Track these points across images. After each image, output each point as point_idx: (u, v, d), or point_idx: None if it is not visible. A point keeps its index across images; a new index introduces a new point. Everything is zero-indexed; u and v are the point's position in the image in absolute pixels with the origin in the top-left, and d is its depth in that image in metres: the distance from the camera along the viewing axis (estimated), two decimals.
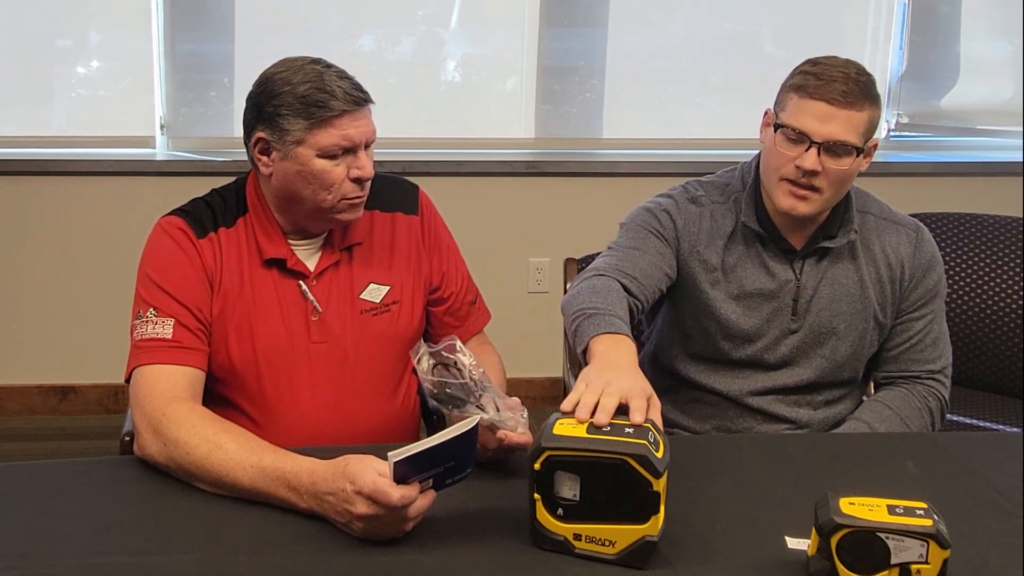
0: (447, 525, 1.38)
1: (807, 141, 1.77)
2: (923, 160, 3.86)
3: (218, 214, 1.74)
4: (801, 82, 1.78)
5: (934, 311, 1.96)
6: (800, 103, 1.78)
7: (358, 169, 1.65)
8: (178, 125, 3.55)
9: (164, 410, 1.52)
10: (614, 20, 3.67)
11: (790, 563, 1.32)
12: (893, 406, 1.92)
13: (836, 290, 1.92)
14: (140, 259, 1.72)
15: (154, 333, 1.62)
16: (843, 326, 1.92)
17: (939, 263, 1.97)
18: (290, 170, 1.65)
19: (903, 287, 1.94)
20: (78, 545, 1.33)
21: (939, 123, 3.92)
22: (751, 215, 1.91)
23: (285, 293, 1.73)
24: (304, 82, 1.62)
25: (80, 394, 3.60)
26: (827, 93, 1.75)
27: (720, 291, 1.93)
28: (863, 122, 1.78)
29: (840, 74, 1.76)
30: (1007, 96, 3.87)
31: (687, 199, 1.96)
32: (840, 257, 1.92)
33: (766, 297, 1.92)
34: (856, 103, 1.76)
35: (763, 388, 1.94)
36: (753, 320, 1.92)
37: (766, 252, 1.92)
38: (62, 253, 3.49)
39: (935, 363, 1.96)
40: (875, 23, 3.79)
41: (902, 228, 1.95)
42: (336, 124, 1.62)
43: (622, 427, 1.31)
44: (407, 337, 1.81)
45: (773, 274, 1.92)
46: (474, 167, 3.60)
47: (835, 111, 1.75)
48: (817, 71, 1.78)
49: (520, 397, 1.55)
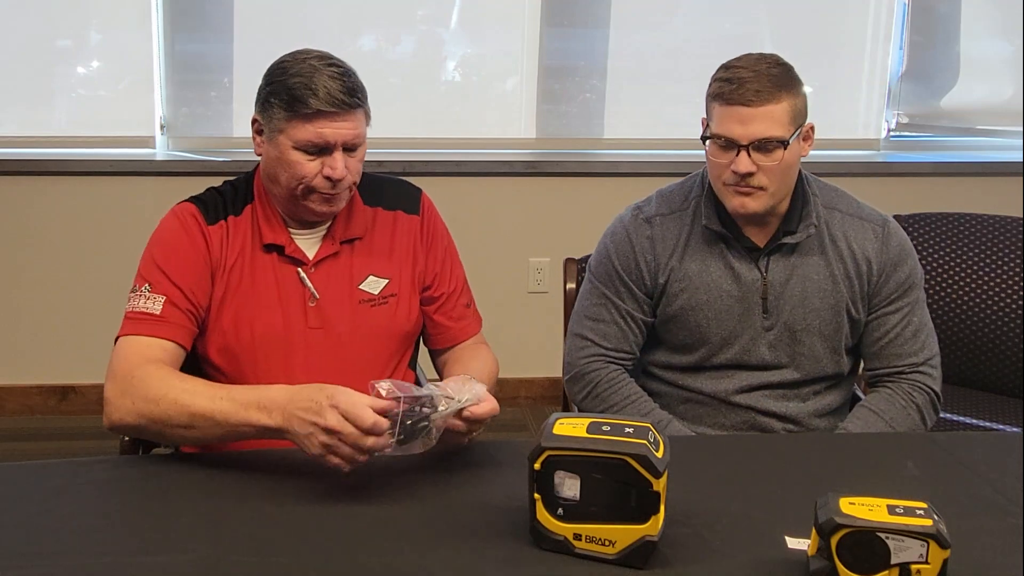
0: (447, 525, 1.38)
1: (735, 146, 1.80)
2: (923, 160, 3.86)
3: (229, 202, 1.79)
4: (717, 90, 1.82)
5: (910, 303, 1.97)
6: (721, 111, 1.81)
7: (330, 169, 1.69)
8: (178, 125, 3.55)
9: (134, 372, 1.59)
10: (615, 20, 3.67)
11: (790, 563, 1.32)
12: (878, 410, 1.93)
13: (807, 286, 1.93)
14: (149, 238, 1.78)
15: (144, 308, 1.68)
16: (817, 321, 1.93)
17: (910, 255, 1.98)
18: (271, 154, 1.72)
19: (871, 283, 1.95)
20: (78, 545, 1.33)
21: (939, 123, 3.92)
22: (712, 216, 1.93)
23: (284, 279, 1.77)
24: (296, 75, 1.66)
25: (80, 394, 3.60)
26: (742, 96, 1.78)
27: (688, 301, 1.94)
28: (785, 112, 1.79)
29: (750, 74, 1.79)
30: (1007, 96, 3.87)
31: (641, 222, 1.99)
32: (809, 253, 1.93)
33: (735, 298, 1.93)
34: (772, 97, 1.78)
35: (748, 386, 1.96)
36: (725, 324, 1.94)
37: (730, 253, 1.93)
38: (62, 253, 3.49)
39: (917, 355, 1.97)
40: (875, 23, 3.79)
41: (867, 223, 1.96)
42: (313, 122, 1.65)
43: (622, 427, 1.31)
44: (404, 331, 1.84)
45: (738, 274, 1.93)
46: (474, 167, 3.60)
47: (753, 111, 1.78)
48: (729, 76, 1.81)
49: (520, 397, 1.56)
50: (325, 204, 1.72)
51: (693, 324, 1.95)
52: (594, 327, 2.00)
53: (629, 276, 1.98)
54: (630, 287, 1.98)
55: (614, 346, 1.99)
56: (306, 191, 1.70)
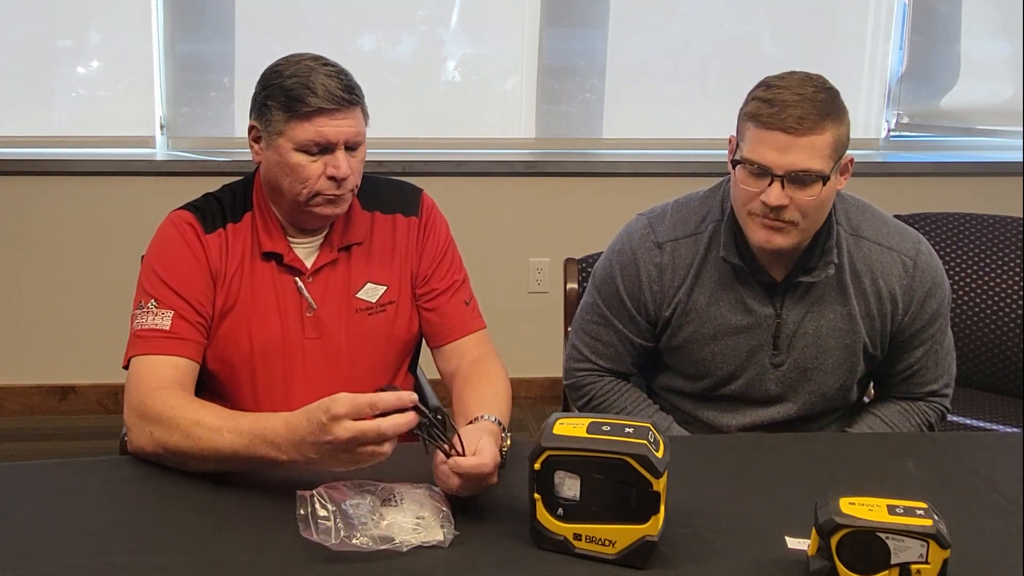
0: None
1: (768, 175, 1.64)
2: (923, 160, 3.85)
3: (227, 209, 1.76)
4: (755, 110, 1.65)
5: (934, 334, 1.86)
6: (757, 134, 1.65)
7: (334, 168, 1.66)
8: (178, 125, 3.55)
9: (145, 400, 1.56)
10: (614, 20, 3.66)
11: (790, 563, 1.32)
12: (890, 422, 1.88)
13: (822, 326, 1.81)
14: (147, 249, 1.75)
15: (153, 324, 1.65)
16: (830, 361, 1.83)
17: (939, 286, 1.84)
18: (272, 160, 1.69)
19: (896, 321, 1.83)
20: (78, 545, 1.33)
21: (939, 123, 3.92)
22: (731, 247, 1.79)
23: (282, 288, 1.75)
24: (292, 76, 1.65)
25: (80, 394, 3.60)
26: (783, 121, 1.61)
27: (693, 334, 1.84)
28: (827, 144, 1.64)
29: (794, 97, 1.62)
30: (1007, 96, 3.86)
31: (651, 245, 1.85)
32: (827, 291, 1.80)
33: (743, 333, 1.82)
34: (816, 127, 1.62)
35: (751, 423, 1.88)
36: (732, 358, 1.84)
37: (744, 288, 1.80)
38: (62, 253, 3.49)
39: (937, 382, 1.89)
40: (875, 23, 3.79)
41: (896, 254, 1.81)
42: (313, 120, 1.64)
43: (622, 427, 1.31)
44: (403, 339, 1.82)
45: (751, 310, 1.81)
46: (474, 167, 3.60)
47: (793, 140, 1.62)
48: (770, 96, 1.64)
49: (520, 397, 1.55)
50: (330, 207, 1.70)
51: (698, 357, 1.86)
52: (592, 345, 1.93)
53: (632, 303, 1.87)
54: (632, 314, 1.87)
55: (610, 366, 1.93)
56: (310, 196, 1.67)
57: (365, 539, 1.31)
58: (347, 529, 1.31)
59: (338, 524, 1.32)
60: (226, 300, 1.72)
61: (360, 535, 1.31)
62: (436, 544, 1.33)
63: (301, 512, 1.34)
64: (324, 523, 1.31)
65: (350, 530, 1.31)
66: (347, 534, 1.31)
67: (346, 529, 1.31)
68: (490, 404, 1.61)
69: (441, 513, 1.36)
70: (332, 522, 1.32)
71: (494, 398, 1.65)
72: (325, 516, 1.32)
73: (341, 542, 1.30)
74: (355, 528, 1.32)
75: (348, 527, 1.32)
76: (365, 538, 1.31)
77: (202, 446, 1.46)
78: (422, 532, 1.33)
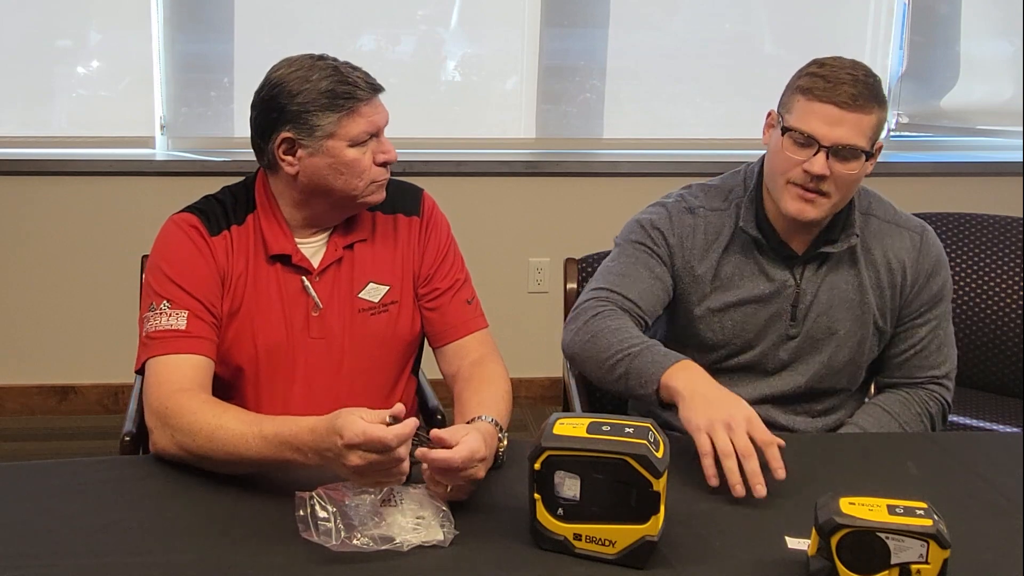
0: None
1: (815, 145, 1.73)
2: (923, 160, 3.85)
3: (230, 212, 1.76)
4: (808, 84, 1.74)
5: (938, 316, 1.93)
6: (807, 105, 1.73)
7: (384, 153, 1.71)
8: (178, 125, 3.55)
9: (167, 403, 1.55)
10: (614, 20, 3.67)
11: (790, 563, 1.32)
12: (891, 411, 1.90)
13: (835, 295, 1.87)
14: (151, 253, 1.74)
15: (168, 325, 1.65)
16: (842, 331, 1.89)
17: (944, 266, 1.93)
18: (320, 164, 1.68)
19: (904, 293, 1.90)
20: (78, 545, 1.33)
21: (939, 123, 3.92)
22: (750, 220, 1.87)
23: (288, 288, 1.75)
24: (324, 78, 1.66)
25: (80, 394, 3.60)
26: (835, 96, 1.71)
27: (715, 303, 1.88)
28: (871, 125, 1.74)
29: (848, 76, 1.72)
30: (1007, 96, 3.86)
31: (683, 208, 1.91)
32: (840, 262, 1.88)
33: (763, 303, 1.88)
34: (865, 106, 1.72)
35: (759, 396, 1.90)
36: (749, 327, 1.88)
37: (764, 258, 1.87)
38: (62, 253, 3.48)
39: (939, 368, 1.93)
40: (875, 23, 3.79)
41: (905, 231, 1.91)
42: (362, 112, 1.67)
43: (622, 427, 1.31)
44: (406, 339, 1.82)
45: (772, 279, 1.87)
46: (474, 167, 3.60)
47: (844, 114, 1.71)
48: (824, 73, 1.73)
49: (520, 397, 1.55)
50: (381, 191, 1.74)
51: (718, 326, 1.89)
52: (615, 281, 1.87)
53: (668, 245, 1.89)
54: (662, 257, 1.89)
55: (634, 297, 1.85)
56: (365, 186, 1.70)
57: (366, 539, 1.31)
58: (347, 530, 1.32)
59: (338, 525, 1.32)
60: (232, 303, 1.72)
61: (360, 535, 1.32)
62: (436, 544, 1.33)
63: (300, 513, 1.34)
64: (324, 524, 1.32)
65: (350, 530, 1.32)
66: (347, 535, 1.31)
67: (346, 530, 1.32)
68: (488, 405, 1.62)
69: (441, 513, 1.37)
70: (332, 523, 1.32)
71: (492, 399, 1.65)
72: (325, 517, 1.32)
73: (342, 543, 1.30)
74: (355, 528, 1.32)
75: (348, 528, 1.32)
76: (366, 538, 1.31)
77: (227, 450, 1.47)
78: (422, 532, 1.34)
